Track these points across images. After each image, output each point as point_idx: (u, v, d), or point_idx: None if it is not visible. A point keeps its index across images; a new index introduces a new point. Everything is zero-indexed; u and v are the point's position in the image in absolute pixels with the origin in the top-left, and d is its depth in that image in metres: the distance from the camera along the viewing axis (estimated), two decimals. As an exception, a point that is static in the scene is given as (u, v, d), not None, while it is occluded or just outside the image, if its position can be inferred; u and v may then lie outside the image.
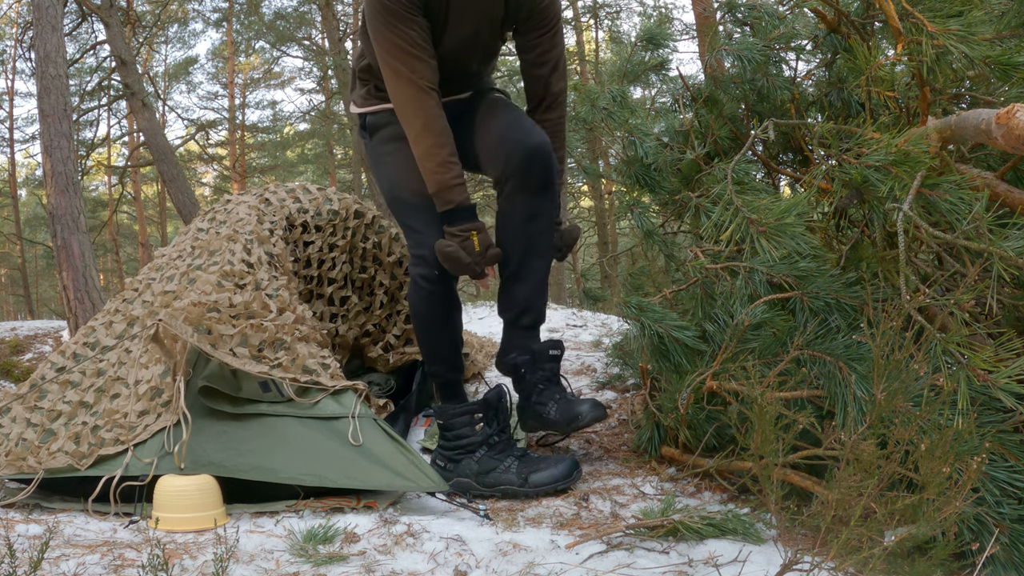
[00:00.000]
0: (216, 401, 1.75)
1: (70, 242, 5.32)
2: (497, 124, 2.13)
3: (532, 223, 2.09)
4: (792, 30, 2.40)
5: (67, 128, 5.50)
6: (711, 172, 2.27)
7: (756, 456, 1.30)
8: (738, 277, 1.89)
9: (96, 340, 2.04)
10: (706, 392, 1.84)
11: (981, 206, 1.46)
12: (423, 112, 1.98)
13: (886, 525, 1.13)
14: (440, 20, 2.02)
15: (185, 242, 2.31)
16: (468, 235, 2.02)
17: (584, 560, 1.36)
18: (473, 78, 2.23)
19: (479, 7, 2.03)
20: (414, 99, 1.98)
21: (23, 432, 1.83)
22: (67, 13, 9.00)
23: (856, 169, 1.60)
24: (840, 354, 1.58)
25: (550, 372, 2.11)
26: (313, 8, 15.35)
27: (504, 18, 2.09)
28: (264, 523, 1.60)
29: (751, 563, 1.33)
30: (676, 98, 2.64)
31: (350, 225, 2.53)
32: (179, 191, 9.28)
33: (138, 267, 20.67)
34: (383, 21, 1.96)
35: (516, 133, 2.08)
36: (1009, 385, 1.27)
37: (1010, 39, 1.76)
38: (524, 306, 2.14)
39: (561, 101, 2.21)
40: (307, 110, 18.73)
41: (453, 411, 1.93)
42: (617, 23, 16.35)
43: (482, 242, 2.04)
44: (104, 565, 1.32)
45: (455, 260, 2.00)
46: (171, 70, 19.65)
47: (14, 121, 17.12)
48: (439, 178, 2.00)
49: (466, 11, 2.02)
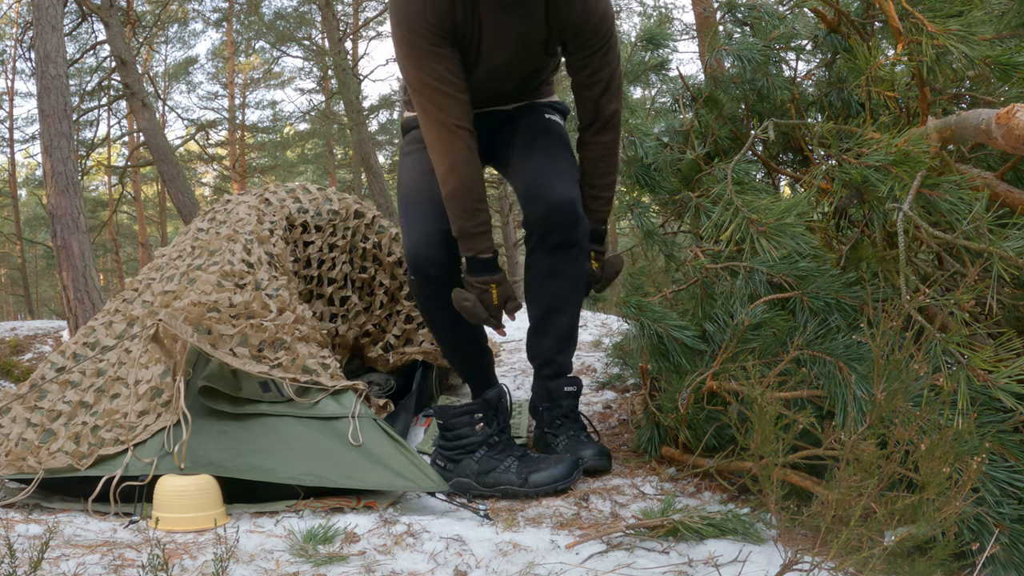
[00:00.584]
0: (216, 401, 1.75)
1: (70, 242, 5.32)
2: (529, 168, 2.05)
3: (552, 281, 2.04)
4: (792, 30, 2.40)
5: (67, 128, 5.50)
6: (711, 172, 2.27)
7: (756, 456, 1.30)
8: (738, 277, 1.89)
9: (96, 340, 2.04)
10: (706, 392, 1.84)
11: (981, 206, 1.46)
12: (451, 154, 1.91)
13: (886, 525, 1.13)
14: (472, 48, 1.93)
15: (185, 242, 2.31)
16: (487, 287, 1.99)
17: (584, 560, 1.36)
18: (517, 95, 2.16)
19: (515, 30, 1.92)
20: (442, 140, 1.91)
21: (23, 432, 1.83)
22: (67, 13, 9.00)
23: (856, 169, 1.60)
24: (840, 354, 1.58)
25: (567, 408, 2.11)
26: (313, 8, 15.34)
27: (547, 39, 1.97)
28: (264, 523, 1.60)
29: (751, 563, 1.33)
30: (676, 98, 2.64)
31: (350, 225, 2.52)
32: (179, 191, 9.28)
33: (138, 267, 20.67)
34: (408, 55, 1.88)
35: (541, 185, 1.99)
36: (1009, 385, 1.27)
37: (1010, 39, 1.76)
38: (546, 359, 2.14)
39: (614, 123, 2.10)
40: (307, 110, 18.73)
41: (453, 411, 1.92)
42: (617, 23, 16.34)
43: (501, 295, 2.01)
44: (104, 565, 1.32)
45: (472, 314, 2.00)
46: (171, 70, 19.65)
47: (14, 121, 17.13)
48: (462, 224, 1.95)
49: (501, 36, 1.92)
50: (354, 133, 12.67)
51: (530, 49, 1.98)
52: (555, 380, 2.13)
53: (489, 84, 2.03)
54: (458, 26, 1.87)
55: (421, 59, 1.86)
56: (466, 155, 1.91)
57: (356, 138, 12.66)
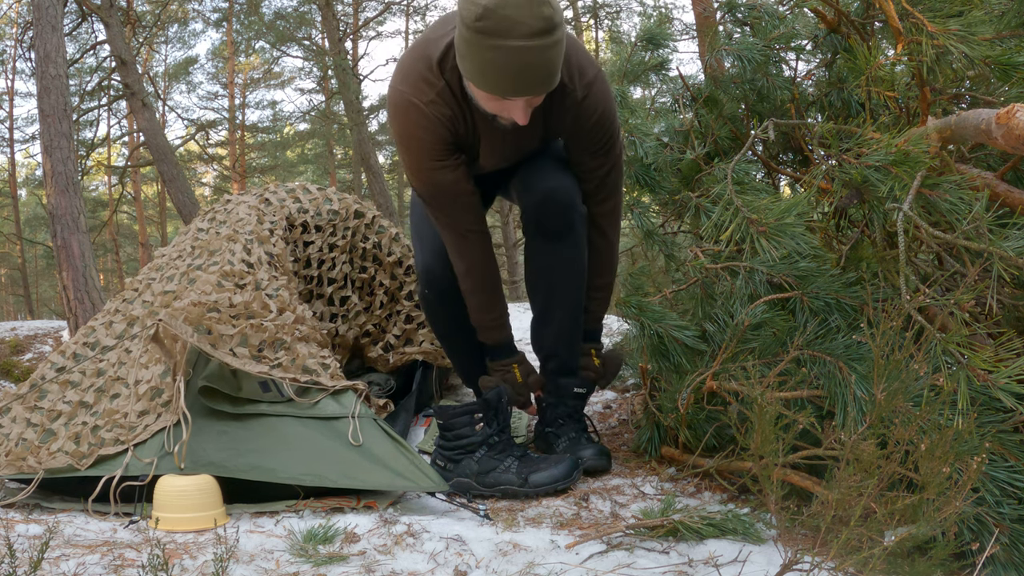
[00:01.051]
0: (216, 401, 1.75)
1: (70, 242, 5.32)
2: (524, 167, 2.04)
3: (551, 273, 2.02)
4: (792, 30, 2.40)
5: (67, 128, 5.50)
6: (711, 172, 2.27)
7: (756, 456, 1.30)
8: (738, 277, 1.89)
9: (96, 340, 2.04)
10: (706, 392, 1.84)
11: (981, 206, 1.46)
12: (466, 257, 1.97)
13: (886, 525, 1.13)
14: (473, 152, 1.92)
15: (185, 242, 2.31)
16: (509, 368, 2.09)
17: (584, 560, 1.36)
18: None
19: (512, 144, 1.92)
20: (455, 244, 1.97)
21: (23, 432, 1.83)
22: (67, 13, 9.00)
23: (856, 169, 1.60)
24: (840, 354, 1.58)
25: (572, 409, 2.11)
26: (313, 8, 15.34)
27: (546, 138, 1.96)
28: (264, 523, 1.60)
29: (751, 563, 1.33)
30: (676, 98, 2.64)
31: (350, 225, 2.52)
32: (179, 191, 9.28)
33: (138, 267, 20.67)
34: (414, 172, 1.88)
35: (535, 176, 1.98)
36: (1009, 385, 1.27)
37: (1010, 39, 1.76)
38: (549, 352, 2.14)
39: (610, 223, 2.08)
40: (307, 110, 18.72)
41: (453, 411, 1.93)
42: (617, 23, 16.35)
43: (523, 372, 2.11)
44: (104, 565, 1.32)
45: None
46: (171, 70, 19.64)
47: (14, 121, 17.12)
48: (480, 317, 2.06)
49: (500, 149, 1.93)
50: (354, 133, 12.67)
51: (528, 149, 2.00)
52: (565, 377, 2.13)
53: (491, 171, 2.05)
54: (459, 138, 1.86)
55: (428, 175, 1.87)
56: (480, 257, 1.98)
57: (356, 138, 12.66)
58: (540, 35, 1.53)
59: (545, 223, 1.98)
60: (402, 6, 17.11)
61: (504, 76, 1.58)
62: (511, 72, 1.57)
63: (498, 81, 1.60)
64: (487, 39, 1.54)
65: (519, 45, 1.52)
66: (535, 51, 1.54)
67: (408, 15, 18.45)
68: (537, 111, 1.80)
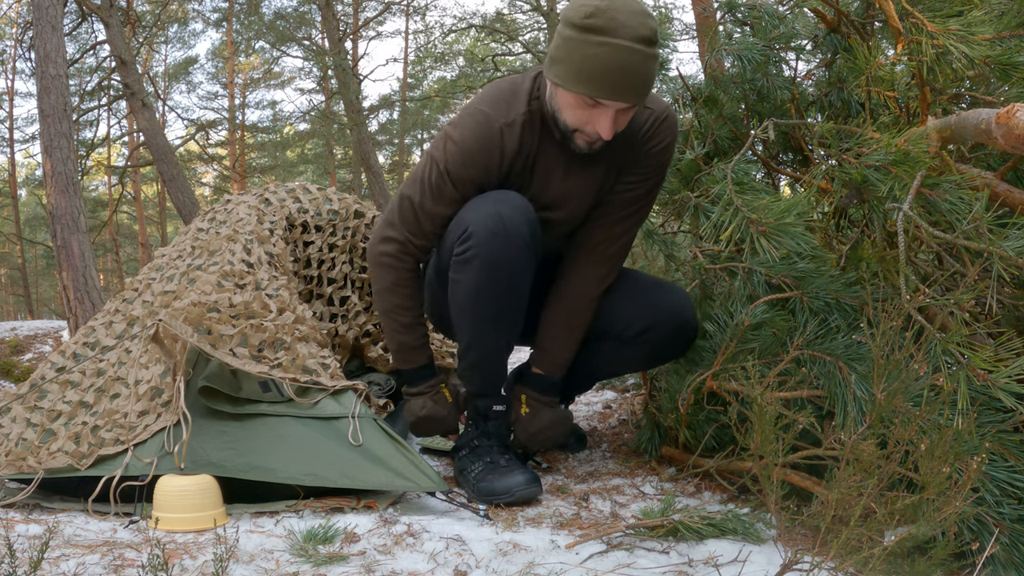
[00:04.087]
0: (217, 401, 1.75)
1: (70, 242, 5.33)
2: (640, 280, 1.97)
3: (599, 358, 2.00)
4: (792, 30, 2.40)
5: (67, 128, 5.50)
6: (711, 172, 2.27)
7: (756, 456, 1.30)
8: (736, 278, 1.89)
9: (96, 340, 2.04)
10: (706, 392, 1.84)
11: (981, 206, 1.46)
12: (393, 273, 1.84)
13: (886, 525, 1.13)
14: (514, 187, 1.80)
15: (185, 242, 2.31)
16: (437, 389, 1.93)
17: (584, 560, 1.36)
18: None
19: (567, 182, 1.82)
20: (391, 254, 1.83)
21: (23, 432, 1.83)
22: (67, 13, 9.00)
23: (856, 169, 1.60)
24: (840, 354, 1.58)
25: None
26: (313, 8, 15.35)
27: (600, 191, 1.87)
28: (264, 523, 1.60)
29: (751, 563, 1.33)
30: (676, 98, 2.64)
31: (350, 225, 2.53)
32: (179, 191, 9.29)
33: (138, 267, 20.68)
34: (441, 170, 1.77)
35: (666, 297, 1.92)
36: (1009, 385, 1.27)
37: (1010, 39, 1.75)
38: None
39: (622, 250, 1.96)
40: (307, 110, 18.76)
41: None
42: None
43: (452, 391, 1.95)
44: (104, 565, 1.32)
45: (433, 419, 1.91)
46: (171, 70, 19.67)
47: (14, 121, 17.15)
48: (401, 339, 1.88)
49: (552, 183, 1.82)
50: (354, 133, 12.67)
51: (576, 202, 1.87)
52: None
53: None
54: (508, 176, 1.79)
55: (436, 187, 1.77)
56: (408, 277, 1.85)
57: (356, 138, 12.67)
58: (645, 43, 1.57)
59: (663, 349, 1.95)
60: (402, 6, 17.14)
61: (604, 74, 1.57)
62: (612, 70, 1.56)
63: (598, 79, 1.58)
64: (594, 35, 1.55)
65: (625, 45, 1.55)
66: (638, 55, 1.56)
67: (408, 15, 18.47)
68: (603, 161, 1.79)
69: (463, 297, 1.76)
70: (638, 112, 1.80)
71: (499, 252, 1.69)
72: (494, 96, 1.78)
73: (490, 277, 1.71)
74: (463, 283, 1.74)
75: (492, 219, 1.69)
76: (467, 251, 1.70)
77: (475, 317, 1.78)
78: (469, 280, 1.72)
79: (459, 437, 1.98)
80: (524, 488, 1.75)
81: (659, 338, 1.90)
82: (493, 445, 1.88)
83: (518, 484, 1.75)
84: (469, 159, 1.74)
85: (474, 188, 1.76)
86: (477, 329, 1.81)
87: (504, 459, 1.84)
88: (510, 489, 1.75)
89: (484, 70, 15.50)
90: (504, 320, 1.80)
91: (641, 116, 1.81)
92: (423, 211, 1.79)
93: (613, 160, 1.83)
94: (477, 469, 1.83)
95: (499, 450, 1.88)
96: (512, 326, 1.83)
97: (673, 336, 1.91)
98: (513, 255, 1.70)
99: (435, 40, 18.75)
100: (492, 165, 1.75)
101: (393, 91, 19.14)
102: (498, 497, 1.75)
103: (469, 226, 1.70)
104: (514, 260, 1.70)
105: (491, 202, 1.72)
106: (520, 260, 1.71)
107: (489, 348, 1.85)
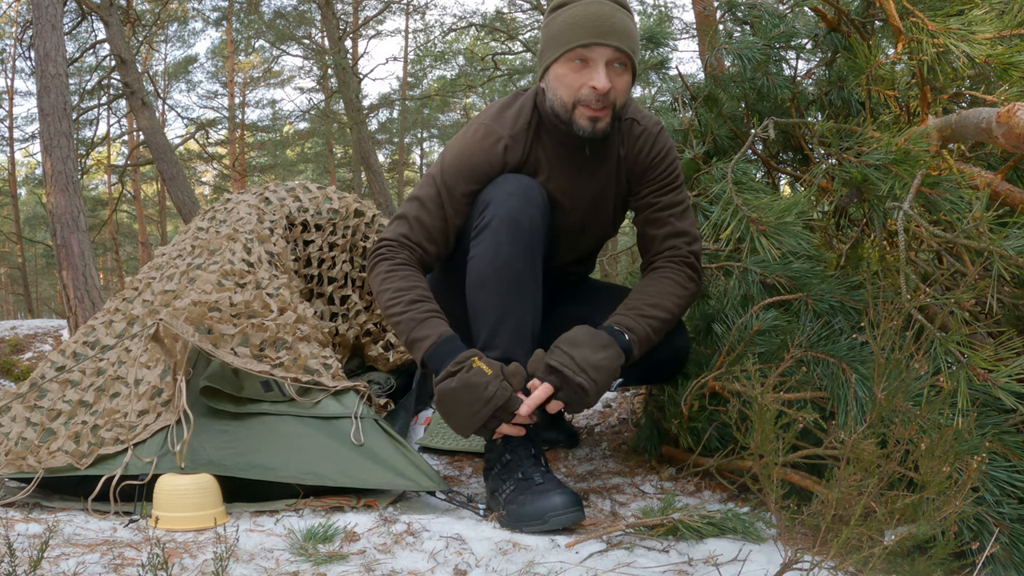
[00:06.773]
0: (219, 401, 1.75)
1: (70, 241, 5.32)
2: None
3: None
4: (792, 29, 2.40)
5: (67, 127, 5.50)
6: (710, 171, 2.27)
7: (756, 455, 1.30)
8: (732, 277, 1.89)
9: (96, 339, 2.04)
10: (708, 393, 1.84)
11: (981, 205, 1.46)
12: (387, 263, 1.75)
13: (886, 524, 1.13)
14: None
15: (185, 241, 2.31)
16: (468, 363, 1.54)
17: (584, 559, 1.36)
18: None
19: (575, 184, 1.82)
20: (385, 246, 1.78)
21: (23, 431, 1.83)
22: (67, 12, 9.01)
23: (856, 168, 1.60)
24: (843, 355, 1.58)
25: None
26: (313, 7, 15.34)
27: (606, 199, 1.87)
28: (264, 522, 1.60)
29: (751, 562, 1.33)
30: (676, 97, 2.64)
31: (350, 224, 2.53)
32: (179, 190, 9.28)
33: (138, 266, 20.67)
34: (435, 179, 1.78)
35: None
36: (1009, 384, 1.27)
37: (1011, 38, 1.75)
38: None
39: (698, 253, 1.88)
40: (307, 109, 18.72)
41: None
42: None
43: (490, 364, 1.54)
44: (104, 564, 1.32)
45: (469, 387, 1.51)
46: (171, 69, 19.66)
47: (14, 120, 17.14)
48: (409, 314, 1.65)
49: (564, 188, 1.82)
50: (354, 132, 12.66)
51: (584, 214, 1.86)
52: None
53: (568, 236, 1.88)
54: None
55: (438, 191, 1.77)
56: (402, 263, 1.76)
57: (356, 137, 12.66)
58: (613, 2, 1.68)
59: (654, 372, 1.92)
60: (402, 5, 17.11)
61: (581, 23, 1.66)
62: (588, 18, 1.66)
63: (577, 29, 1.66)
64: (563, 9, 1.70)
65: (593, 1, 1.67)
66: (607, 6, 1.67)
67: (408, 14, 18.46)
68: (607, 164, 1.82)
69: (485, 263, 1.64)
70: (631, 126, 1.84)
71: (518, 210, 1.65)
72: (497, 111, 1.83)
73: (511, 234, 1.63)
74: (483, 245, 1.65)
75: (510, 183, 1.71)
76: (486, 216, 1.66)
77: (498, 281, 1.64)
78: (489, 242, 1.64)
79: (487, 451, 1.69)
80: (561, 513, 1.46)
81: (653, 363, 1.87)
82: (524, 458, 1.59)
83: (554, 508, 1.47)
84: (471, 172, 1.76)
85: (474, 198, 1.77)
86: (502, 299, 1.64)
87: (539, 473, 1.57)
88: (543, 514, 1.46)
89: (484, 69, 15.50)
90: (527, 285, 1.66)
91: (635, 130, 1.85)
92: (419, 223, 1.79)
93: (618, 167, 1.85)
94: (508, 489, 1.56)
95: (533, 463, 1.59)
96: (535, 297, 1.68)
97: (668, 362, 1.92)
98: (532, 213, 1.66)
99: (435, 39, 18.74)
100: (494, 176, 1.76)
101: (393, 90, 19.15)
102: (530, 524, 1.48)
103: (487, 198, 1.70)
104: (533, 218, 1.66)
105: (508, 179, 1.74)
106: (538, 220, 1.67)
107: (517, 319, 1.65)
